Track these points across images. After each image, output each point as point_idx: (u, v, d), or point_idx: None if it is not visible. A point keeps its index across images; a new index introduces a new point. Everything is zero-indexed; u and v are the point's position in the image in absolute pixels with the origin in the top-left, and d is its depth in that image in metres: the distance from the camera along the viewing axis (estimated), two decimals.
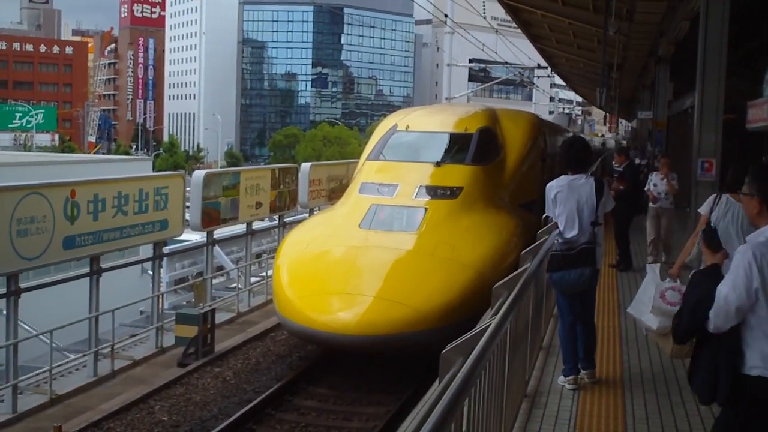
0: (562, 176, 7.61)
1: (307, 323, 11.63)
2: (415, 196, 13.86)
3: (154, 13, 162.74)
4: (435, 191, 14.03)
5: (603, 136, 77.88)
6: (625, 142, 50.06)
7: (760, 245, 4.00)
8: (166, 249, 16.69)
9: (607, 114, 67.83)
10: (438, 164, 14.57)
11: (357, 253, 12.78)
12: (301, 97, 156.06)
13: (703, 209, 7.66)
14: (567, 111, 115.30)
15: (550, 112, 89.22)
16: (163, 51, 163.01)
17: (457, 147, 15.22)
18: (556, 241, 7.48)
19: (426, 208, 13.53)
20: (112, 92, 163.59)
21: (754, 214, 4.18)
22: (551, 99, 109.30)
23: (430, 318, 11.34)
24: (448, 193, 14.00)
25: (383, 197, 13.99)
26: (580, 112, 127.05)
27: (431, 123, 16.34)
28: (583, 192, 7.30)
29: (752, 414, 4.03)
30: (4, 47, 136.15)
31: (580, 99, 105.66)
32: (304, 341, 13.46)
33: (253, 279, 19.37)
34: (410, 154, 15.23)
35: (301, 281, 12.50)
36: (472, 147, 14.99)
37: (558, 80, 74.65)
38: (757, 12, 18.32)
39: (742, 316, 4.01)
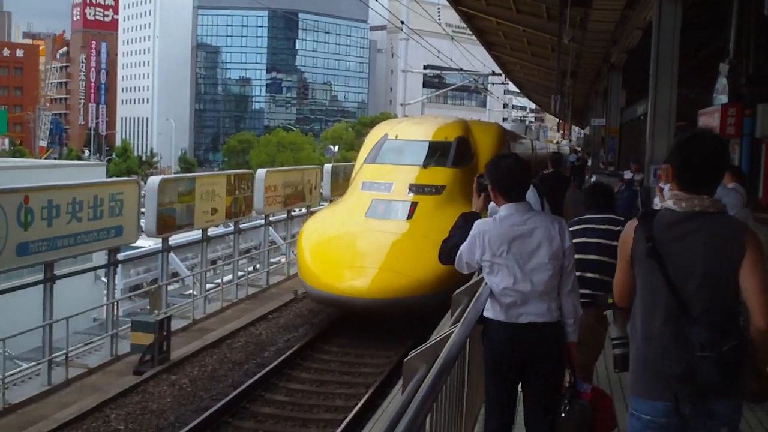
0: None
1: (329, 290, 14.69)
2: (408, 193, 16.88)
3: (107, 16, 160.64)
4: (423, 188, 16.98)
5: (558, 142, 78.77)
6: (579, 149, 50.53)
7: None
8: (120, 255, 16.54)
9: (561, 121, 68.49)
10: (424, 167, 17.61)
11: (365, 235, 15.84)
12: (255, 102, 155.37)
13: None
14: (521, 118, 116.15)
15: (504, 119, 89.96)
16: (116, 55, 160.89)
17: (440, 153, 18.07)
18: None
19: (416, 202, 16.53)
20: (63, 96, 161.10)
21: None
22: (505, 106, 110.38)
23: (427, 285, 14.12)
24: (434, 190, 16.94)
25: (381, 193, 16.98)
26: (533, 119, 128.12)
27: (417, 133, 19.12)
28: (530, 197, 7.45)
29: None
30: None
31: (533, 106, 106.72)
32: (326, 305, 16.26)
33: (208, 285, 19.27)
34: (401, 158, 18.07)
35: (322, 258, 15.44)
36: (452, 153, 17.95)
37: (511, 87, 75.32)
38: (708, 22, 18.68)
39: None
